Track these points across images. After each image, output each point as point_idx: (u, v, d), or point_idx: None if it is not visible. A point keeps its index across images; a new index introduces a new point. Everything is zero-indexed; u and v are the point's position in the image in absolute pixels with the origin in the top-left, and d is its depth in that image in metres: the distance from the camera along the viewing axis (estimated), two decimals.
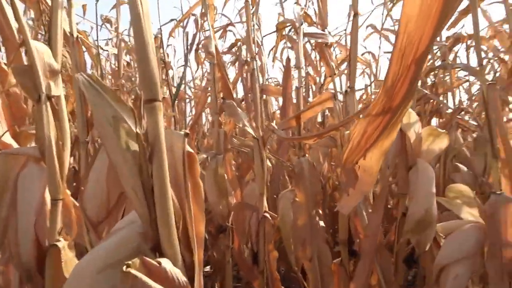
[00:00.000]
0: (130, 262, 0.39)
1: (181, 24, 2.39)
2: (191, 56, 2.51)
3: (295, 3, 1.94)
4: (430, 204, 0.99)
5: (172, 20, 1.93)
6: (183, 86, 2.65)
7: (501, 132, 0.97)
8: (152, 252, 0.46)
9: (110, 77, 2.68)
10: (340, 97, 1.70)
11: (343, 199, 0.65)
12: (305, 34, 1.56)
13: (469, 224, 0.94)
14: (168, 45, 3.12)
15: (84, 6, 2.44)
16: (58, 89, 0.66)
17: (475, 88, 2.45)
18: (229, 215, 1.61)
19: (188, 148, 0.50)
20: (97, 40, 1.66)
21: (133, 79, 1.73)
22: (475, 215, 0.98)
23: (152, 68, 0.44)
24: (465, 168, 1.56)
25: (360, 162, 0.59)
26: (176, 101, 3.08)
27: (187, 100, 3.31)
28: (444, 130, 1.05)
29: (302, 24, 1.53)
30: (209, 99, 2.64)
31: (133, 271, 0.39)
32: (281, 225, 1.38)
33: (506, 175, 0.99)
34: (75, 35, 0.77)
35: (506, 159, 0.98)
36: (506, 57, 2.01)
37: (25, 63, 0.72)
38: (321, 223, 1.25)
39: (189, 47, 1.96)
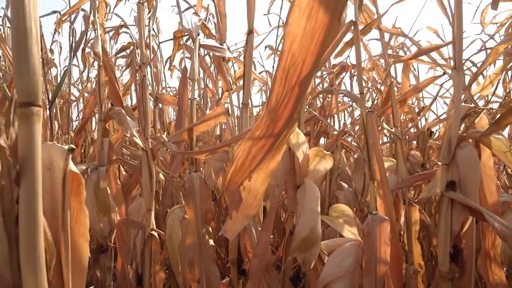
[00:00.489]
0: None
1: (68, 18, 2.16)
2: (79, 55, 2.28)
3: (193, 13, 1.90)
4: (315, 223, 1.02)
5: (54, 12, 1.71)
6: (67, 86, 2.39)
7: (377, 156, 1.05)
8: None
9: None
10: (237, 111, 1.69)
11: (227, 223, 0.61)
12: (201, 45, 1.52)
13: (349, 243, 0.98)
14: (53, 41, 2.80)
15: None
16: None
17: (357, 113, 2.70)
18: (111, 233, 1.46)
19: (72, 167, 0.41)
20: None
21: (0, 74, 1.47)
22: (355, 233, 1.04)
23: (32, 63, 0.35)
24: (346, 186, 1.67)
25: (245, 184, 0.55)
26: (60, 103, 2.76)
27: (73, 103, 3.00)
28: (329, 152, 1.10)
29: (198, 34, 1.48)
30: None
31: None
32: (169, 244, 1.29)
33: (381, 195, 1.07)
34: None
35: (381, 181, 1.06)
36: (382, 88, 2.26)
37: None
38: (211, 242, 1.20)
39: (75, 44, 1.76)
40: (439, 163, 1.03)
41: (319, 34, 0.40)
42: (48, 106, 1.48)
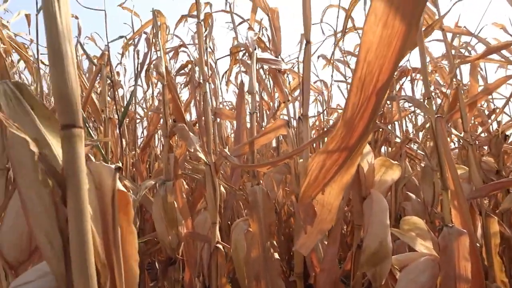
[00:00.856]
0: None
1: (132, 42, 2.30)
2: (142, 75, 2.42)
3: (248, 28, 1.94)
4: (384, 236, 0.97)
5: (121, 37, 1.84)
6: (133, 105, 2.54)
7: (449, 164, 0.98)
8: None
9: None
10: (294, 122, 1.69)
11: (302, 238, 0.60)
12: (258, 60, 1.54)
13: (424, 257, 0.93)
14: (118, 63, 3.01)
15: (27, 16, 2.28)
16: None
17: (420, 119, 2.57)
18: (179, 245, 1.51)
19: (119, 186, 0.41)
20: (37, 54, 1.52)
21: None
22: (429, 247, 0.97)
23: (70, 85, 0.35)
24: (414, 197, 1.58)
25: (318, 197, 0.54)
26: (126, 121, 2.94)
27: (138, 121, 3.17)
28: (396, 162, 1.05)
29: (255, 49, 1.51)
30: (161, 121, 2.54)
31: None
32: (234, 257, 1.30)
33: (456, 206, 1.00)
34: None
35: (455, 190, 0.99)
36: (447, 91, 2.13)
37: None
38: (276, 255, 1.19)
39: (139, 66, 1.88)
40: None
41: (396, 41, 0.38)
42: (118, 125, 1.58)
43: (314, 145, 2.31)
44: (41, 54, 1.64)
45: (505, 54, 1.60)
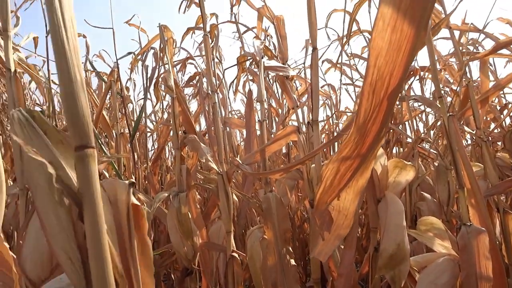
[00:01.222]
0: None
1: (141, 57, 2.34)
2: (151, 89, 2.45)
3: (254, 37, 1.96)
4: (402, 238, 0.97)
5: (129, 53, 1.87)
6: (143, 119, 2.57)
7: (464, 162, 0.97)
8: None
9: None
10: (303, 127, 1.69)
11: (319, 245, 0.60)
12: (266, 68, 1.55)
13: (443, 258, 0.92)
14: (128, 79, 3.05)
15: (35, 39, 2.33)
16: None
17: (430, 118, 2.55)
18: (195, 256, 1.51)
19: (133, 200, 0.43)
20: (48, 74, 1.56)
21: None
22: (447, 247, 0.96)
23: (81, 108, 0.36)
24: (429, 197, 1.57)
25: (334, 203, 0.54)
26: (137, 135, 2.98)
27: (148, 134, 3.21)
28: (410, 162, 1.04)
29: (262, 57, 1.52)
30: (171, 133, 2.56)
31: None
32: (251, 265, 1.30)
33: (473, 204, 0.99)
34: (12, 70, 0.69)
35: (472, 188, 0.98)
36: (457, 89, 2.11)
37: None
38: (292, 262, 1.19)
39: (148, 80, 1.90)
40: None
41: (405, 45, 0.39)
42: (130, 140, 1.60)
43: (325, 149, 2.30)
44: (52, 74, 1.67)
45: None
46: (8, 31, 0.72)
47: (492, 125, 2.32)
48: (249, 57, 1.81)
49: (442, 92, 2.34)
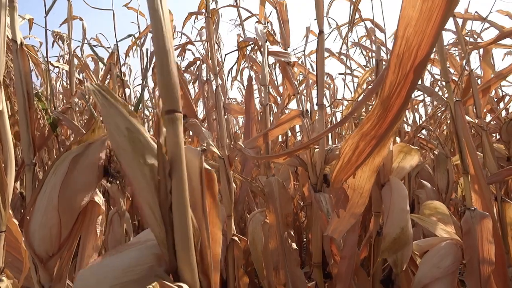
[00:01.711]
0: (150, 286, 0.37)
1: (139, 42, 2.30)
2: (149, 75, 2.42)
3: (256, 22, 1.93)
4: (405, 222, 0.97)
5: (130, 35, 1.84)
6: (142, 105, 2.54)
7: (469, 148, 0.98)
8: (167, 275, 0.42)
9: (61, 96, 2.51)
10: None
11: (334, 223, 0.59)
12: (269, 53, 1.54)
13: (446, 242, 0.93)
14: (123, 64, 3.01)
15: (30, 21, 2.28)
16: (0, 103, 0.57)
17: (428, 109, 2.56)
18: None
19: (205, 165, 0.48)
20: (46, 56, 1.53)
21: (87, 96, 1.62)
22: (449, 232, 0.97)
23: (173, 77, 0.41)
24: (428, 185, 1.58)
25: (349, 181, 0.54)
26: None
27: (145, 121, 3.18)
28: (416, 147, 1.04)
29: (266, 41, 1.50)
30: None
31: None
32: (252, 249, 1.30)
33: (476, 190, 0.99)
34: (18, 42, 0.67)
35: (476, 175, 0.99)
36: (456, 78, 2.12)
37: None
38: (294, 245, 1.19)
39: (148, 63, 1.88)
40: None
41: (437, 14, 0.38)
42: None
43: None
44: (50, 57, 1.64)
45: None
46: (15, 2, 0.70)
47: (489, 117, 2.33)
48: (250, 43, 1.79)
49: (439, 81, 2.35)
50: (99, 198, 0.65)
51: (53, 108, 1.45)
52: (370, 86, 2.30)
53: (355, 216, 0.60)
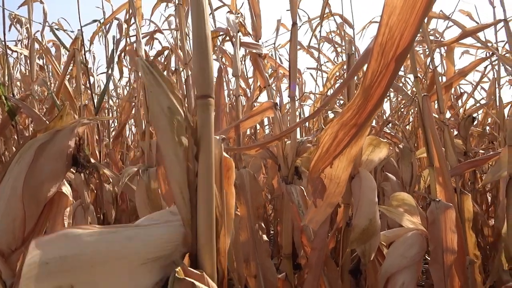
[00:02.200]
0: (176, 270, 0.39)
1: (104, 28, 2.21)
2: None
3: (228, 12, 1.91)
4: (373, 214, 1.00)
5: (95, 20, 1.76)
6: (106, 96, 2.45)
7: (435, 141, 1.02)
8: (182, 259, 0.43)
9: (19, 83, 2.37)
10: None
11: (311, 212, 0.60)
12: (241, 44, 1.52)
13: (412, 232, 0.96)
14: (87, 51, 2.88)
15: None
16: None
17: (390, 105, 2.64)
18: None
19: (224, 153, 0.49)
20: (4, 40, 1.43)
21: (49, 83, 1.53)
22: (415, 222, 1.01)
23: (209, 63, 0.43)
24: (393, 177, 1.63)
25: (326, 171, 0.54)
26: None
27: (109, 112, 3.07)
28: (385, 140, 1.07)
29: (238, 31, 1.49)
30: (134, 110, 2.47)
31: (190, 280, 0.38)
32: None
33: (440, 182, 1.03)
34: None
35: (440, 167, 1.03)
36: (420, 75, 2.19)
37: None
38: (264, 237, 1.20)
39: (114, 50, 1.81)
40: (482, 151, 0.99)
41: (420, 4, 0.39)
42: (95, 112, 1.52)
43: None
44: (9, 41, 1.54)
45: (469, 41, 1.67)
46: None
47: (448, 114, 2.44)
48: (221, 33, 1.77)
49: (406, 79, 2.43)
50: (67, 189, 0.61)
51: (12, 95, 1.36)
52: (338, 81, 2.34)
53: (332, 206, 0.61)
